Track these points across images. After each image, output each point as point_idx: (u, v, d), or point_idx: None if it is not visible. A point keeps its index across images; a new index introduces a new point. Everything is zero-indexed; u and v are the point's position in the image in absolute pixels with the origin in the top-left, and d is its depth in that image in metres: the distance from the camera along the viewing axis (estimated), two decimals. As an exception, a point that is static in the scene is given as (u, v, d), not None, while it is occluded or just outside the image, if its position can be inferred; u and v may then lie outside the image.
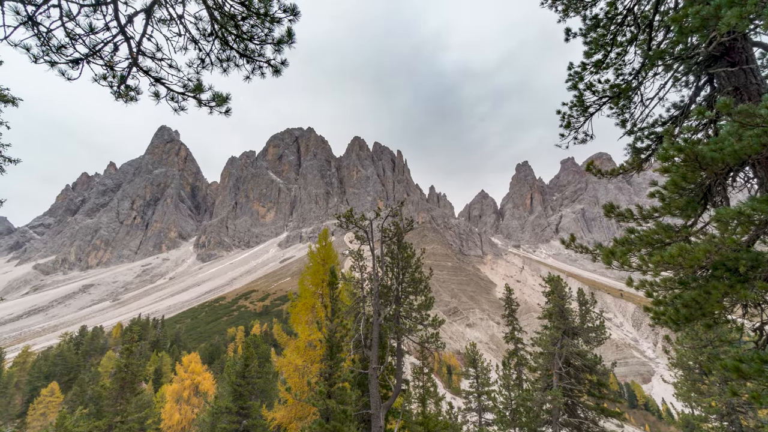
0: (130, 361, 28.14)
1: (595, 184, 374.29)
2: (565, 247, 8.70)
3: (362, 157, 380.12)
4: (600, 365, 23.53)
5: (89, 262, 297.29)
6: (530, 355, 27.94)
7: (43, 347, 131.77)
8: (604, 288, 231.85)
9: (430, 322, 19.72)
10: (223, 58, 6.45)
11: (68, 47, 5.55)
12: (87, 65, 5.73)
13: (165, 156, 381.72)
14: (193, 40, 6.26)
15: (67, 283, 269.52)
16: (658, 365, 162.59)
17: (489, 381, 33.68)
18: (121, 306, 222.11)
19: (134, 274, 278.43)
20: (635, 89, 7.81)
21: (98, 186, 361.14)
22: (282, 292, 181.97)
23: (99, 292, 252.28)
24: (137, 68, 5.98)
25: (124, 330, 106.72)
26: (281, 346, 25.71)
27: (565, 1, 8.26)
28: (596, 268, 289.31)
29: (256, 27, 6.15)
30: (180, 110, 6.52)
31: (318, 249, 22.08)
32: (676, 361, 26.64)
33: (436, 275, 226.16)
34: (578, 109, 8.26)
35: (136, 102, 6.45)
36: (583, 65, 8.03)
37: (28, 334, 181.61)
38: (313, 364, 20.59)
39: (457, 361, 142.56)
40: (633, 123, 8.14)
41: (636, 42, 7.80)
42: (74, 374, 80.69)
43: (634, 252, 6.75)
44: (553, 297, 24.28)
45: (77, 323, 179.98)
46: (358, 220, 19.14)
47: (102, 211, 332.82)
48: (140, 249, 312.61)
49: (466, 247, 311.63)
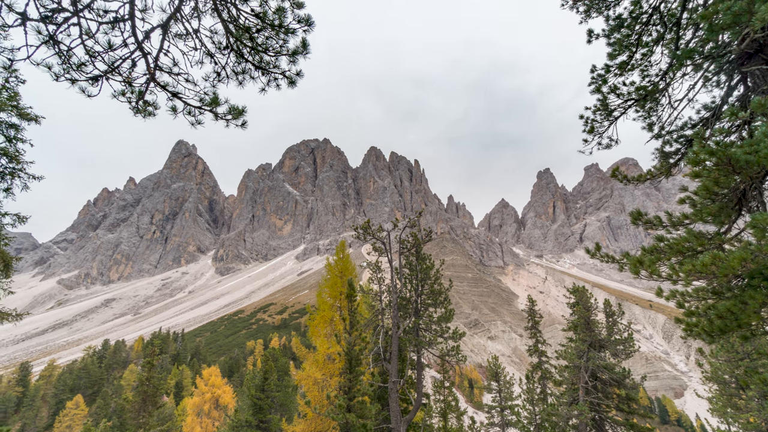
0: (151, 374, 28.37)
1: (620, 190, 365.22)
2: (590, 257, 8.47)
3: (379, 168, 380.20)
4: (629, 379, 22.68)
5: (111, 276, 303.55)
6: (555, 369, 27.15)
7: (67, 361, 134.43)
8: (632, 299, 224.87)
9: (451, 334, 19.39)
10: (238, 71, 6.49)
11: (88, 65, 5.66)
12: (106, 82, 5.83)
13: (183, 170, 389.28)
14: (209, 54, 6.32)
15: (89, 297, 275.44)
16: (691, 379, 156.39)
17: (512, 395, 32.84)
18: (142, 319, 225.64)
19: (154, 288, 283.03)
20: (662, 91, 7.55)
21: (118, 201, 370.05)
22: (300, 305, 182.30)
23: (121, 306, 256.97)
24: (155, 83, 6.05)
25: (145, 343, 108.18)
26: (300, 360, 25.59)
27: (587, 1, 8.07)
28: (623, 278, 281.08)
29: (270, 39, 6.18)
30: (197, 124, 6.58)
31: (335, 261, 22.02)
32: (710, 374, 25.54)
33: (456, 287, 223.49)
34: (602, 113, 8.03)
35: (154, 117, 6.53)
36: (607, 67, 7.80)
37: (53, 348, 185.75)
38: (333, 377, 20.41)
39: (478, 374, 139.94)
40: (661, 126, 7.87)
41: (663, 41, 7.54)
42: (98, 387, 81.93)
43: (664, 261, 6.51)
44: (578, 308, 23.62)
45: (100, 337, 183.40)
46: (376, 231, 19.04)
47: (122, 225, 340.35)
48: (160, 263, 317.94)
49: (487, 257, 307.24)
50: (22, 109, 10.32)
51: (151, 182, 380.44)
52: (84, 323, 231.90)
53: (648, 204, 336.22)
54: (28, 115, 10.28)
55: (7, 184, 11.99)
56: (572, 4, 8.19)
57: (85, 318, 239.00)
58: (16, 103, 10.14)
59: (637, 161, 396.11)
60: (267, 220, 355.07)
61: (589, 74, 7.85)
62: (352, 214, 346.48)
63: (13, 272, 15.12)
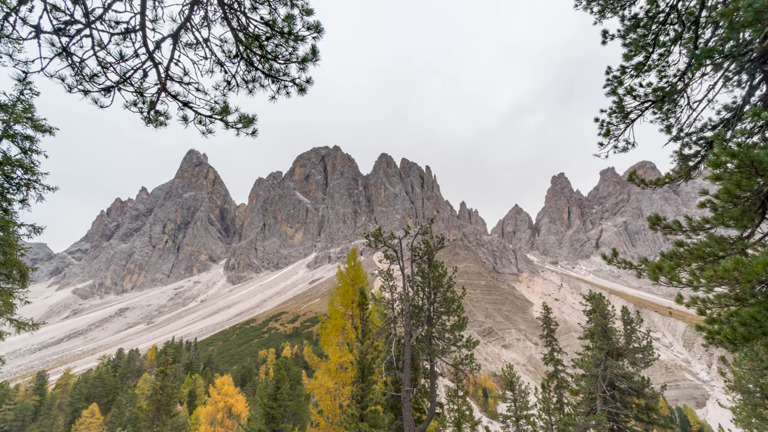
0: (165, 383, 28.50)
1: (638, 195, 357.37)
2: (607, 263, 8.31)
3: (390, 174, 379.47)
4: (648, 388, 22.12)
5: (124, 286, 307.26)
6: (571, 378, 26.63)
7: (83, 370, 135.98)
8: (651, 306, 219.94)
9: (464, 343, 19.12)
10: (248, 79, 6.49)
11: (100, 76, 5.70)
12: (118, 92, 5.87)
13: (194, 179, 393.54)
14: (219, 63, 6.33)
15: (104, 307, 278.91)
16: (713, 388, 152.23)
17: (527, 404, 32.27)
18: (155, 329, 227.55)
19: (167, 297, 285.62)
20: (681, 92, 7.35)
21: (131, 211, 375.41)
22: (312, 314, 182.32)
23: (134, 315, 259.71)
24: (166, 93, 6.08)
25: (158, 353, 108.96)
26: (312, 368, 25.48)
27: (602, 1, 7.91)
28: (642, 285, 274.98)
29: (280, 46, 6.17)
30: (208, 133, 6.59)
31: (347, 269, 21.93)
32: (733, 384, 24.78)
33: (470, 294, 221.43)
34: (618, 115, 7.85)
35: (166, 126, 6.55)
36: (623, 68, 7.63)
37: (69, 357, 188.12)
38: (345, 386, 20.24)
39: (493, 383, 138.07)
40: (679, 128, 7.66)
41: (680, 41, 7.35)
42: (113, 396, 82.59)
43: (684, 266, 6.37)
44: (595, 316, 23.16)
45: (114, 346, 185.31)
46: (387, 239, 18.92)
47: (135, 235, 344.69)
48: (172, 272, 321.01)
49: (500, 264, 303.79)
50: (37, 121, 10.49)
51: (163, 192, 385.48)
52: (98, 332, 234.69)
53: (667, 208, 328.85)
54: (42, 126, 10.45)
55: (22, 195, 12.17)
56: (586, 4, 8.04)
57: (99, 327, 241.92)
58: (31, 115, 10.31)
59: (654, 164, 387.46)
60: (278, 228, 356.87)
61: (604, 76, 7.70)
62: (363, 222, 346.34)
63: (29, 282, 15.31)
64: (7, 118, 10.65)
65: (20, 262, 14.10)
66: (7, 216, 12.28)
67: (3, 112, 10.49)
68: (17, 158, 11.48)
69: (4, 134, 10.72)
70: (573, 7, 8.06)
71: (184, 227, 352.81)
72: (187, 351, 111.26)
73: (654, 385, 27.78)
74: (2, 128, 10.65)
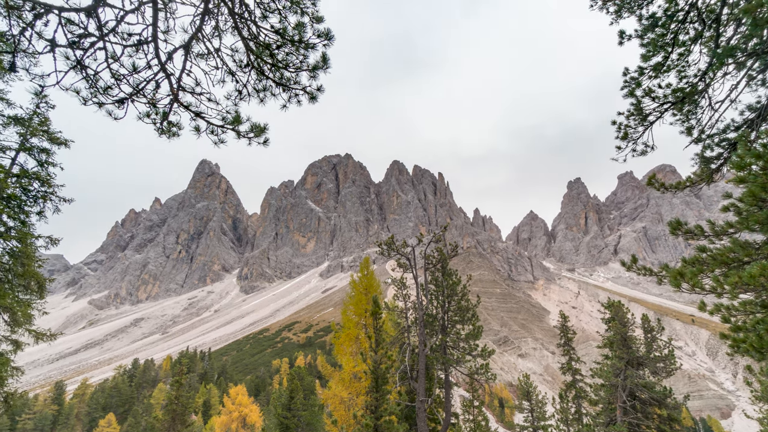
0: (180, 393, 28.59)
1: (657, 199, 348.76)
2: (626, 270, 8.14)
3: (402, 182, 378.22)
4: (671, 398, 21.48)
5: (139, 296, 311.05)
6: (590, 387, 26.00)
7: (99, 379, 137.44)
8: (673, 313, 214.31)
9: (479, 352, 18.82)
10: (259, 89, 6.50)
11: (114, 88, 5.76)
12: (131, 104, 5.92)
13: (206, 189, 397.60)
14: (230, 73, 6.36)
15: (119, 317, 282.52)
16: (739, 399, 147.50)
17: (545, 415, 31.60)
18: (169, 339, 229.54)
19: (181, 307, 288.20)
20: (702, 92, 7.14)
21: (145, 222, 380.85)
22: (325, 323, 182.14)
23: (149, 325, 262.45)
24: (178, 104, 6.11)
25: (173, 362, 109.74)
26: (326, 378, 25.30)
27: (618, 1, 7.70)
28: (662, 292, 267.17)
29: (291, 54, 6.18)
30: (220, 143, 6.63)
31: (360, 278, 21.84)
32: (760, 394, 23.93)
33: (484, 303, 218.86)
34: (636, 118, 7.65)
35: (178, 137, 6.58)
36: (641, 69, 7.43)
37: (86, 367, 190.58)
38: (359, 396, 20.08)
39: (509, 393, 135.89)
40: (701, 130, 7.44)
41: (701, 40, 7.13)
42: (129, 406, 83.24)
43: (707, 273, 6.21)
44: (614, 324, 22.61)
45: (130, 356, 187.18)
46: (400, 247, 18.79)
47: (149, 246, 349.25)
48: (186, 282, 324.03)
49: (516, 272, 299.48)
50: (53, 134, 10.69)
51: (176, 202, 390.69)
52: (114, 342, 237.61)
53: (688, 213, 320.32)
54: (58, 139, 10.64)
55: (39, 207, 12.37)
56: (602, 4, 7.86)
57: (115, 337, 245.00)
58: (47, 128, 10.51)
59: (675, 168, 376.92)
60: (290, 237, 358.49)
61: (621, 77, 7.52)
62: (375, 230, 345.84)
63: (46, 293, 15.50)
64: (24, 131, 10.89)
65: (38, 274, 14.30)
66: (24, 228, 12.49)
67: (20, 125, 10.73)
68: (34, 171, 11.70)
69: (22, 147, 10.95)
70: (588, 7, 7.90)
71: (197, 237, 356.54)
72: (201, 361, 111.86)
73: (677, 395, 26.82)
74: (19, 141, 10.90)
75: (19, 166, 11.68)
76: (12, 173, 11.60)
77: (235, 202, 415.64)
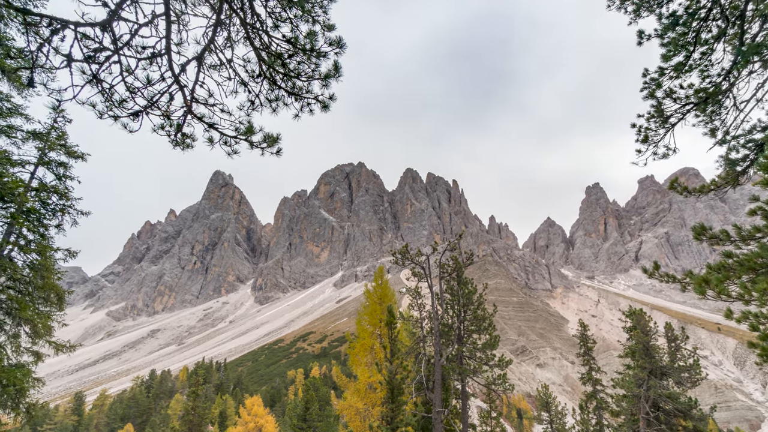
0: (196, 404, 28.68)
1: (680, 203, 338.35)
2: (648, 277, 7.91)
3: (416, 190, 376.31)
4: (696, 409, 20.75)
5: (155, 307, 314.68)
6: (611, 398, 25.29)
7: (118, 390, 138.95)
8: (697, 321, 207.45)
9: (497, 362, 18.47)
10: (272, 98, 6.52)
11: (129, 101, 5.84)
12: (146, 117, 5.98)
13: (220, 200, 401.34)
14: (243, 83, 6.40)
15: (136, 328, 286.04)
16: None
17: (565, 426, 30.84)
18: (186, 349, 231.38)
19: (197, 318, 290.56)
20: (726, 92, 6.91)
21: (160, 233, 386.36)
22: (339, 333, 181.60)
23: (165, 336, 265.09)
24: (191, 115, 6.17)
25: (189, 373, 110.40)
26: (341, 389, 25.13)
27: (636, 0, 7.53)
28: (686, 300, 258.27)
29: (302, 63, 6.19)
30: (233, 154, 6.67)
31: (374, 288, 21.71)
32: (792, 404, 22.98)
33: (501, 312, 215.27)
34: (657, 120, 7.44)
35: (192, 149, 6.62)
36: (661, 70, 7.22)
37: (104, 378, 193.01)
38: (375, 407, 19.84)
39: (527, 404, 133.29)
40: (725, 131, 7.20)
41: (724, 37, 6.91)
42: (146, 416, 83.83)
43: (734, 279, 6.00)
44: (636, 333, 22.02)
45: (147, 367, 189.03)
46: (415, 256, 18.62)
47: (165, 257, 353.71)
48: (201, 293, 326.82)
49: (533, 280, 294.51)
50: (70, 148, 10.92)
51: (191, 213, 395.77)
52: (132, 354, 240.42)
53: (712, 217, 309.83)
54: (75, 153, 10.85)
55: (58, 220, 12.60)
56: (620, 4, 7.67)
57: (132, 349, 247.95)
58: (64, 142, 10.75)
59: (698, 171, 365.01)
60: (304, 247, 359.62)
61: (641, 78, 7.32)
62: (389, 239, 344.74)
63: (66, 305, 15.72)
64: (42, 146, 11.17)
65: (57, 286, 14.53)
66: (44, 241, 12.74)
67: (39, 140, 11.01)
68: (52, 185, 11.96)
69: (40, 161, 11.23)
70: (606, 7, 7.73)
71: (212, 248, 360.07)
72: (217, 372, 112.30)
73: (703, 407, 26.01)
74: (38, 156, 11.18)
75: (37, 180, 11.97)
76: (31, 187, 11.88)
77: (249, 213, 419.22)
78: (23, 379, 12.85)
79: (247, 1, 5.61)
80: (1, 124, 9.83)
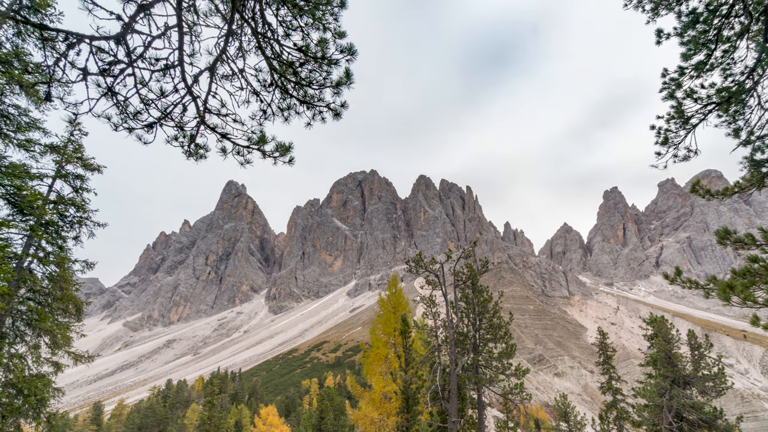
0: (212, 413, 28.74)
1: (702, 207, 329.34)
2: (669, 283, 7.68)
3: (429, 197, 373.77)
4: (722, 420, 20.04)
5: (171, 317, 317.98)
6: (632, 408, 24.59)
7: (135, 400, 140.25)
8: (722, 329, 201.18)
9: (513, 371, 18.15)
10: (283, 107, 6.54)
11: (143, 113, 5.90)
12: (160, 128, 6.04)
13: (234, 210, 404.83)
14: (255, 93, 6.43)
15: (152, 338, 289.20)
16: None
17: (585, 437, 30.05)
18: (201, 359, 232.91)
19: (211, 328, 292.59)
20: (750, 91, 6.68)
21: (175, 244, 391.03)
22: (353, 342, 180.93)
23: (181, 346, 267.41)
24: (204, 126, 6.21)
25: (205, 383, 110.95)
26: (356, 398, 24.95)
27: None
28: (710, 306, 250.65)
29: (314, 72, 6.20)
30: (246, 163, 6.69)
31: (388, 296, 21.58)
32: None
33: (517, 320, 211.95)
34: (677, 121, 7.23)
35: (205, 159, 6.66)
36: (681, 69, 7.02)
37: (122, 388, 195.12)
38: (390, 416, 19.62)
39: (545, 414, 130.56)
40: (749, 131, 6.96)
41: (748, 34, 6.68)
42: (163, 426, 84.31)
43: (760, 284, 5.79)
44: (657, 341, 21.44)
45: (163, 377, 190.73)
46: (428, 263, 18.46)
47: (180, 268, 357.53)
48: (216, 303, 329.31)
49: (550, 287, 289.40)
50: (86, 160, 11.14)
51: (205, 224, 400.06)
52: (148, 364, 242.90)
53: (737, 221, 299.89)
54: (91, 165, 11.06)
55: (75, 232, 12.81)
56: (637, 2, 7.51)
57: (149, 359, 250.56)
58: (81, 155, 10.98)
59: (721, 173, 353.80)
60: (317, 256, 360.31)
61: (660, 79, 7.14)
62: (402, 247, 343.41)
63: (84, 316, 15.92)
64: (59, 158, 11.44)
65: (75, 297, 14.75)
66: (62, 253, 12.98)
67: (56, 153, 11.28)
68: (70, 197, 12.21)
69: (58, 174, 11.48)
70: (623, 6, 7.56)
71: (226, 258, 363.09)
72: (232, 381, 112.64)
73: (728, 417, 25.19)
74: (56, 169, 11.43)
75: (55, 192, 12.23)
76: (49, 200, 12.15)
77: (262, 222, 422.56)
78: (44, 389, 13.02)
79: (258, 11, 5.64)
80: (20, 138, 10.11)
